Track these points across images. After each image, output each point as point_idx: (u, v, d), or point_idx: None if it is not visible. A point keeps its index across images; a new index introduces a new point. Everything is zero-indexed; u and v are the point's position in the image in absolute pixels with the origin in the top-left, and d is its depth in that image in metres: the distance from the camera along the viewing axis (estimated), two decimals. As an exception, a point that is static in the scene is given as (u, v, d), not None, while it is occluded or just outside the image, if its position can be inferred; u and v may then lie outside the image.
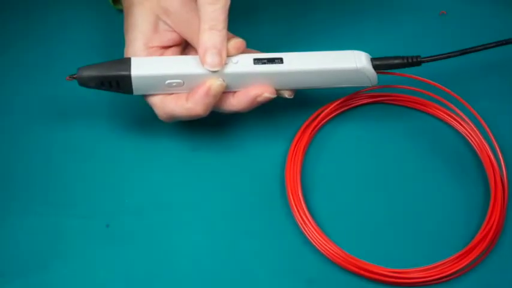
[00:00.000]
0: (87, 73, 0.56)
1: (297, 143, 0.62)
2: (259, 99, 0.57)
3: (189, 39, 0.58)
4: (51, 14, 0.70)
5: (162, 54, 0.59)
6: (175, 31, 0.58)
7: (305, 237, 0.58)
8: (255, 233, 0.58)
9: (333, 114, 0.64)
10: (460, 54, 0.60)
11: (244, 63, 0.57)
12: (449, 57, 0.60)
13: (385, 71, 0.60)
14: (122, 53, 0.59)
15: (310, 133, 0.62)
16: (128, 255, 0.57)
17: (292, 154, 0.61)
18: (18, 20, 0.70)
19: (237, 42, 0.57)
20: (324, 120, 0.64)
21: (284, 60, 0.58)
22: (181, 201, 0.60)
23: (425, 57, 0.60)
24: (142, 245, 0.58)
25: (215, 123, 0.63)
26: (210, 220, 0.59)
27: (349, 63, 0.58)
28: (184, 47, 0.60)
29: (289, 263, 0.57)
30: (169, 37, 0.59)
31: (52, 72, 0.65)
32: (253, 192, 0.60)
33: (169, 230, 0.58)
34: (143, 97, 0.59)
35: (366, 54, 0.59)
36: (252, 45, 0.60)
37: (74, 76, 0.56)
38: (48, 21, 0.70)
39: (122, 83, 0.57)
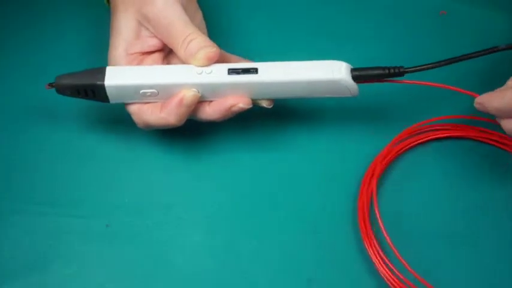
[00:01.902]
0: (63, 81, 0.57)
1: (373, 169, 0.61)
2: (234, 109, 0.57)
3: (170, 45, 0.58)
4: (49, 15, 0.70)
5: (143, 61, 0.59)
6: (156, 37, 0.58)
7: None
8: (256, 233, 0.58)
9: (412, 144, 0.63)
10: (446, 64, 0.57)
11: (218, 73, 0.56)
12: (435, 67, 0.57)
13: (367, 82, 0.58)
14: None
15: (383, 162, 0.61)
16: (128, 255, 0.57)
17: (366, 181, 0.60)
18: (13, 22, 0.69)
19: (210, 52, 0.56)
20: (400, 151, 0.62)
21: (259, 71, 0.56)
22: (182, 201, 0.60)
23: (408, 68, 0.57)
24: (142, 245, 0.58)
25: (209, 127, 0.63)
26: (210, 220, 0.59)
27: (326, 74, 0.56)
28: (168, 53, 0.60)
29: (289, 263, 0.57)
30: (150, 43, 0.59)
31: (52, 72, 0.64)
32: (254, 192, 0.60)
33: (169, 230, 0.58)
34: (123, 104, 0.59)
35: (346, 64, 0.57)
36: (238, 51, 0.60)
37: (53, 84, 0.57)
38: (47, 21, 0.69)
39: (97, 92, 0.57)
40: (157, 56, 0.59)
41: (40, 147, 0.62)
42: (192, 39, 0.56)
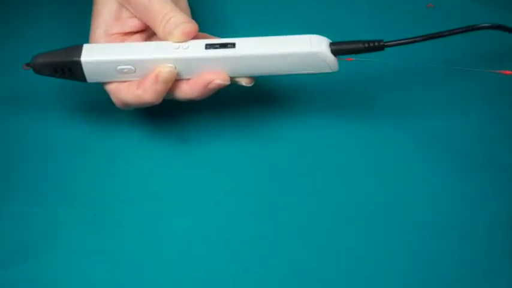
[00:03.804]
0: (40, 60, 0.57)
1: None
2: (211, 86, 0.56)
3: (149, 24, 0.58)
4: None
5: (123, 41, 0.59)
6: (136, 17, 0.59)
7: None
8: (247, 219, 0.59)
9: None
10: (425, 39, 0.58)
11: (195, 48, 0.56)
12: (415, 41, 0.58)
13: (347, 56, 0.58)
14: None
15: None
16: (116, 243, 0.57)
17: None
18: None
19: (187, 27, 0.56)
20: None
21: (237, 45, 0.56)
22: (170, 188, 0.60)
23: (388, 42, 0.57)
24: (131, 233, 0.58)
25: (198, 112, 0.63)
26: (200, 207, 0.59)
27: (304, 47, 0.56)
28: (150, 34, 0.60)
29: (278, 250, 0.57)
30: (130, 23, 0.59)
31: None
32: (244, 178, 0.61)
33: (158, 218, 0.59)
34: (101, 85, 0.59)
35: (325, 38, 0.57)
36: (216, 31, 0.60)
37: (30, 64, 0.57)
38: (28, 6, 0.70)
39: (74, 70, 0.57)
40: (138, 37, 0.60)
41: (22, 138, 0.62)
42: (171, 17, 0.56)
